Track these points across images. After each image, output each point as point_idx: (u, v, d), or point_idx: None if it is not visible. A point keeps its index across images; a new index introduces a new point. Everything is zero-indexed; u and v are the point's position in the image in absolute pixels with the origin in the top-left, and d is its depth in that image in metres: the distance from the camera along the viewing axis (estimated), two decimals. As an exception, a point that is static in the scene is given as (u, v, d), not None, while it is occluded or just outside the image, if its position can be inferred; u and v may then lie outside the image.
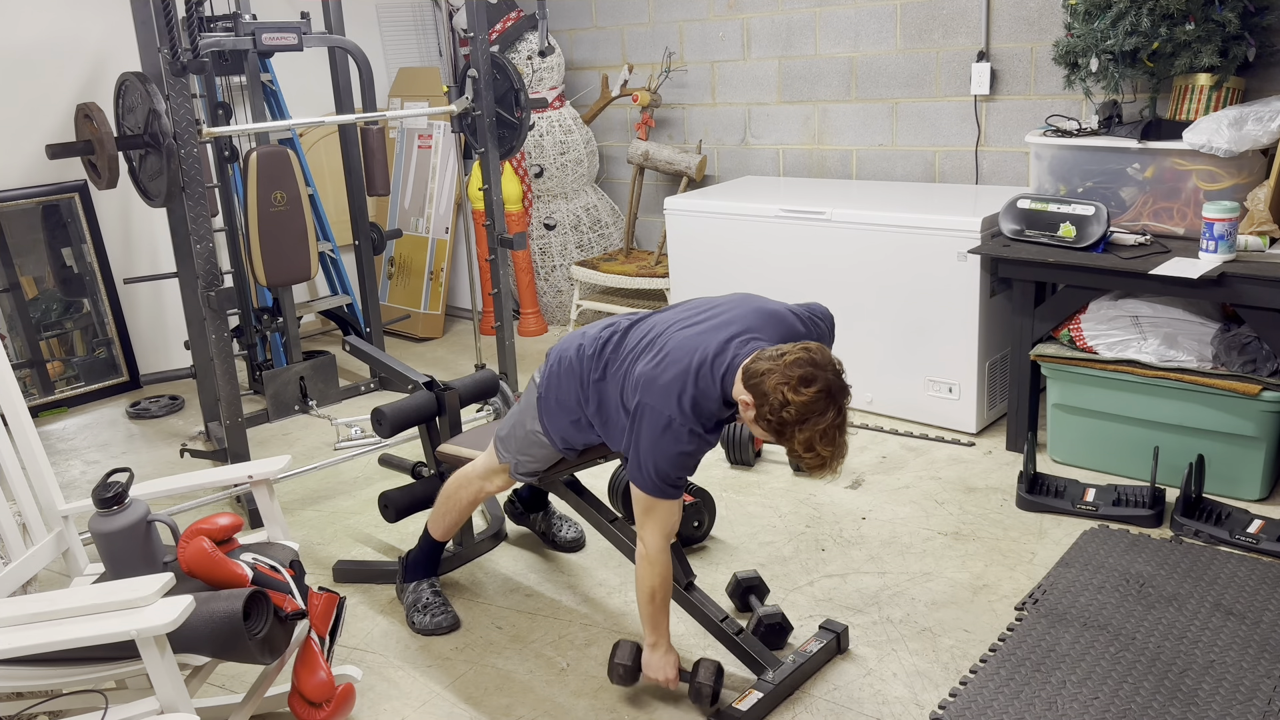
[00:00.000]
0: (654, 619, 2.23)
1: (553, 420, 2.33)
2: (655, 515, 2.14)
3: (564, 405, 2.30)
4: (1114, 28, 3.21)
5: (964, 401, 3.57)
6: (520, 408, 2.44)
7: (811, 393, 1.90)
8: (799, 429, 1.92)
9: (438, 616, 2.64)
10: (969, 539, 2.92)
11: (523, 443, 2.42)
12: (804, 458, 1.95)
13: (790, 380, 1.91)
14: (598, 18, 5.16)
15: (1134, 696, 2.18)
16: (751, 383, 1.97)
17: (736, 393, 2.02)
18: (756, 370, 1.97)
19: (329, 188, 5.18)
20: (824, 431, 1.92)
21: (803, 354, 1.94)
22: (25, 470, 2.17)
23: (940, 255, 3.47)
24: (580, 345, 2.29)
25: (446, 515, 2.65)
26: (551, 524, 3.02)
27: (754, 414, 1.98)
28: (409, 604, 2.69)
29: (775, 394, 1.91)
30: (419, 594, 2.69)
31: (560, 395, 2.31)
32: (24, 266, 4.35)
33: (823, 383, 1.92)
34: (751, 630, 2.44)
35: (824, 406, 1.92)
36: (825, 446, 1.93)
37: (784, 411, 1.91)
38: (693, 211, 4.18)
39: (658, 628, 2.24)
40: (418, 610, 2.66)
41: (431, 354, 5.04)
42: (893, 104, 4.24)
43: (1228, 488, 3.01)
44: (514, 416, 2.45)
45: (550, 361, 2.35)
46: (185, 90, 2.96)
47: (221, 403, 3.21)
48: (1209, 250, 2.90)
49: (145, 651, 1.70)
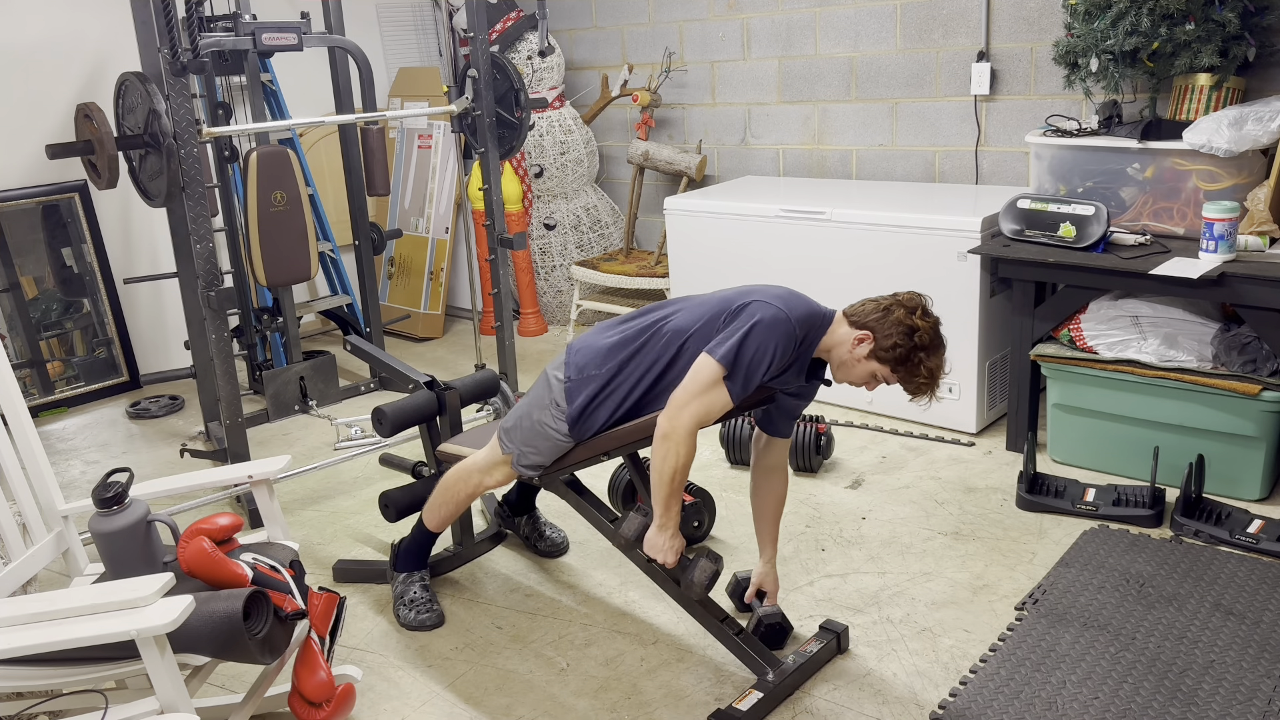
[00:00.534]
0: (668, 502, 2.20)
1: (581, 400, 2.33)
2: (705, 399, 2.13)
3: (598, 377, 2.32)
4: (1114, 28, 3.21)
5: (964, 401, 3.57)
6: (529, 400, 2.44)
7: (934, 320, 2.19)
8: (926, 354, 2.16)
9: (423, 614, 2.67)
10: (969, 539, 2.92)
11: (528, 434, 2.42)
12: (922, 381, 2.18)
13: (915, 309, 2.17)
14: (598, 18, 5.16)
15: (1134, 696, 2.18)
16: (868, 320, 2.18)
17: (841, 335, 2.20)
18: (869, 310, 2.20)
19: (329, 188, 5.18)
20: (941, 358, 2.19)
21: (914, 294, 2.21)
22: (25, 470, 2.17)
23: (940, 255, 3.47)
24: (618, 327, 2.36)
25: (443, 507, 2.67)
26: (536, 527, 3.02)
27: (872, 347, 2.16)
28: (397, 595, 2.73)
29: (903, 323, 2.14)
30: (408, 588, 2.72)
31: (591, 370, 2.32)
32: (24, 266, 4.35)
33: (935, 317, 2.20)
34: (752, 630, 2.44)
35: (941, 336, 2.20)
36: (941, 373, 2.20)
37: (915, 336, 2.14)
38: (693, 211, 4.18)
39: (669, 510, 2.22)
40: (404, 605, 2.70)
41: (431, 354, 5.04)
42: (893, 104, 4.24)
43: (1228, 488, 3.01)
44: (521, 408, 2.46)
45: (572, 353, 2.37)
46: (185, 90, 2.96)
47: (221, 403, 3.21)
48: (1209, 250, 2.90)
49: (145, 651, 1.70)
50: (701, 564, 2.25)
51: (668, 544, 2.24)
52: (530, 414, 2.41)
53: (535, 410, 2.40)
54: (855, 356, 2.18)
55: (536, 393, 2.42)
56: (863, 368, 2.19)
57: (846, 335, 2.19)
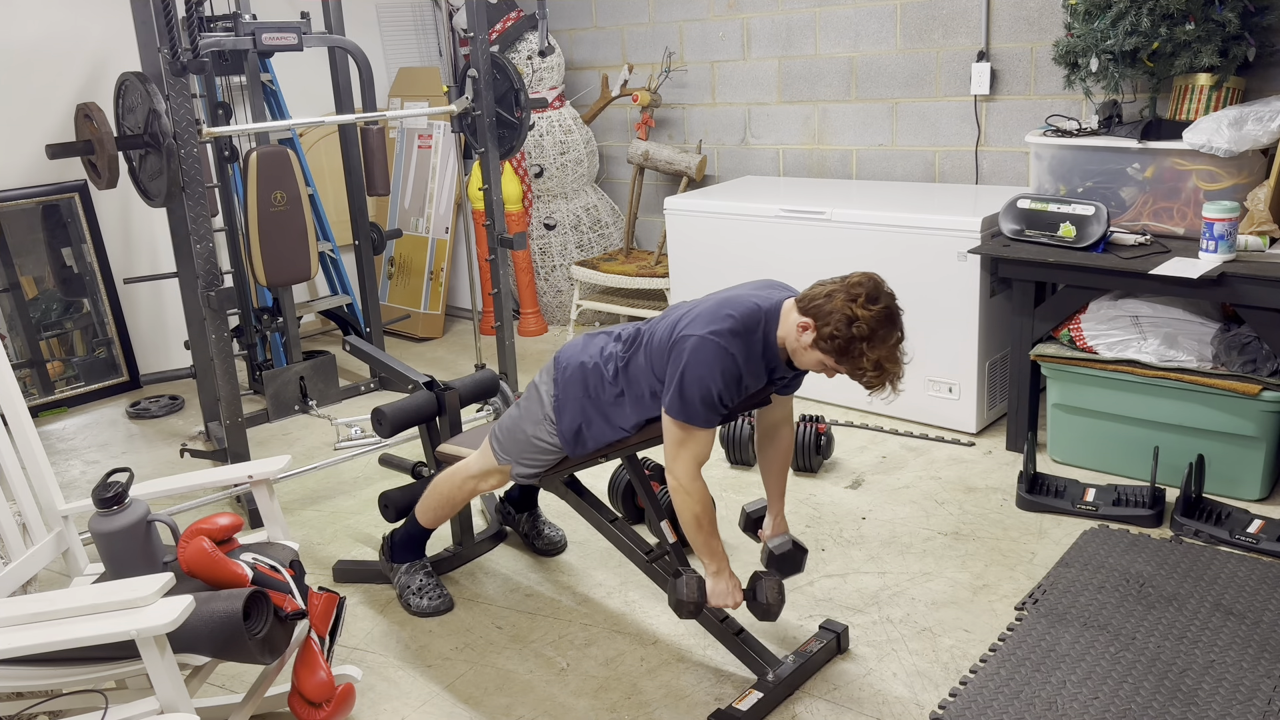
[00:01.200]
0: (708, 545, 2.21)
1: (569, 419, 2.34)
2: (688, 446, 2.14)
3: (584, 398, 2.32)
4: (1114, 28, 3.21)
5: (964, 401, 3.57)
6: (518, 413, 2.44)
7: (878, 309, 1.99)
8: (868, 345, 1.99)
9: (435, 600, 2.70)
10: (969, 539, 2.92)
11: (523, 448, 2.43)
12: (870, 374, 2.02)
13: (856, 297, 1.99)
14: (598, 18, 5.16)
15: (1134, 696, 2.18)
16: (812, 305, 2.04)
17: (789, 323, 2.09)
18: (815, 295, 2.05)
19: (329, 188, 5.18)
20: (891, 349, 2.01)
21: (863, 277, 2.03)
22: (25, 470, 2.17)
23: (940, 255, 3.47)
24: (602, 348, 2.33)
25: (438, 509, 2.68)
26: (536, 525, 3.03)
27: (814, 336, 2.03)
28: (403, 587, 2.74)
29: (842, 310, 1.99)
30: (413, 578, 2.74)
31: (576, 392, 2.33)
32: (24, 266, 4.35)
33: (886, 301, 2.02)
34: (765, 564, 2.43)
35: (890, 324, 2.01)
36: (891, 364, 2.01)
37: (853, 327, 1.98)
38: (693, 211, 4.18)
39: (714, 553, 2.22)
40: (412, 594, 2.71)
41: (431, 354, 5.04)
42: (893, 104, 4.24)
43: (1228, 488, 3.01)
44: (511, 420, 2.46)
45: (559, 369, 2.37)
46: (185, 90, 2.96)
47: (221, 403, 3.21)
48: (1209, 250, 2.90)
49: (145, 651, 1.70)
50: (764, 582, 2.25)
51: (727, 587, 2.23)
52: (523, 428, 2.42)
53: (529, 425, 2.41)
54: (801, 345, 2.07)
55: (528, 405, 2.43)
56: (810, 356, 2.08)
57: (793, 323, 2.09)
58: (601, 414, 2.31)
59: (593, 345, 2.36)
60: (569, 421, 2.34)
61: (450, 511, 2.68)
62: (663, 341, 2.19)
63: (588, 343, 2.38)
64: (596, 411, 2.31)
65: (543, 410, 2.38)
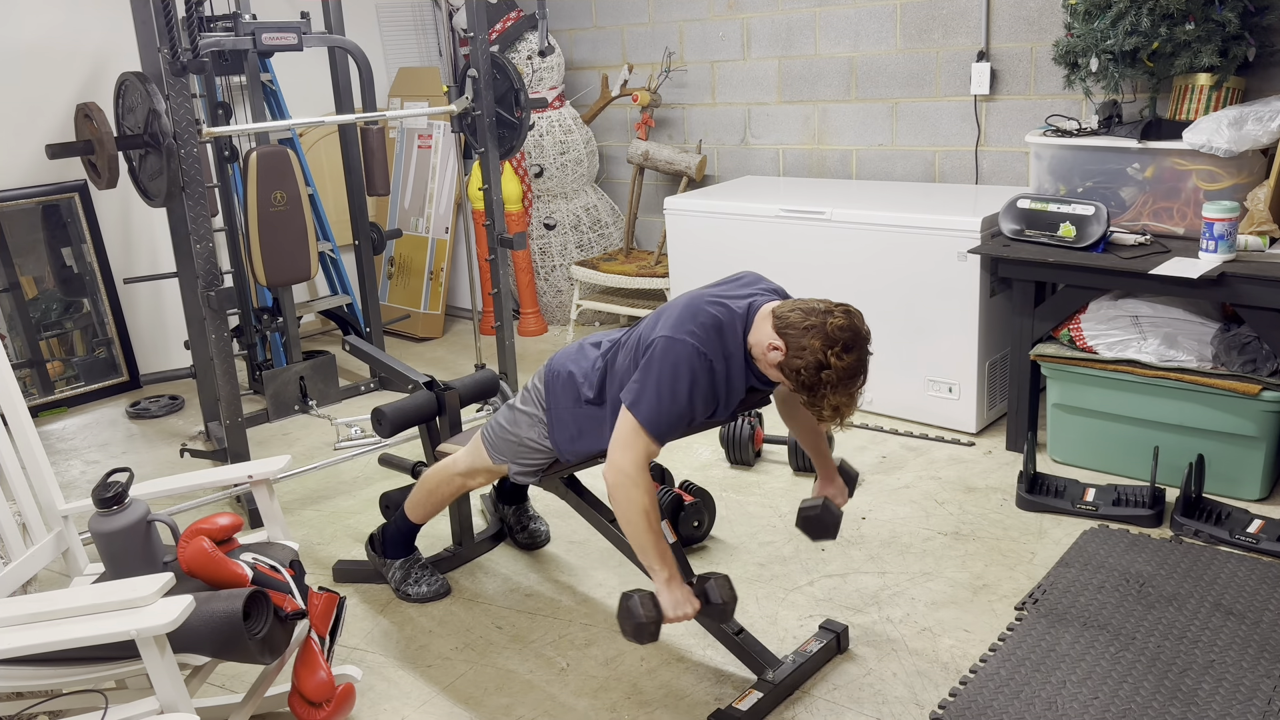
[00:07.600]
0: (657, 548, 2.06)
1: (560, 428, 2.35)
2: (634, 447, 2.06)
3: (574, 408, 2.32)
4: (1114, 27, 3.21)
5: (964, 401, 3.57)
6: (512, 415, 2.45)
7: (851, 360, 1.98)
8: (832, 390, 1.99)
9: (433, 585, 2.75)
10: (969, 539, 2.92)
11: (518, 450, 2.44)
12: (825, 413, 2.03)
13: (834, 344, 1.97)
14: (598, 18, 5.16)
15: (1134, 696, 2.18)
16: (789, 332, 2.01)
17: (762, 335, 2.06)
18: (794, 321, 2.01)
19: (329, 188, 5.18)
20: (852, 395, 2.01)
21: (845, 320, 2.00)
22: (25, 470, 2.17)
23: (940, 255, 3.47)
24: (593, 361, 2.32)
25: (428, 506, 2.69)
26: (521, 519, 3.03)
27: (782, 360, 2.02)
28: (399, 578, 2.76)
29: (816, 354, 1.97)
30: (408, 568, 2.77)
31: (566, 401, 2.33)
32: (24, 266, 4.35)
33: (860, 351, 2.00)
34: (797, 525, 2.40)
35: (857, 373, 2.00)
36: (848, 408, 2.03)
37: (822, 373, 1.97)
38: (693, 211, 4.18)
39: (664, 557, 2.07)
40: (410, 583, 2.75)
41: (431, 354, 5.04)
42: (893, 104, 4.24)
43: (1228, 488, 3.01)
44: (505, 421, 2.46)
45: (551, 375, 2.38)
46: (185, 90, 2.96)
47: (221, 403, 3.21)
48: (1209, 250, 2.90)
49: (145, 651, 1.70)
50: (711, 584, 2.11)
51: (682, 594, 2.08)
52: (517, 430, 2.43)
53: (524, 428, 2.42)
54: (769, 361, 2.05)
55: (522, 409, 2.43)
56: (773, 372, 2.07)
57: (765, 336, 2.05)
58: (592, 425, 2.31)
59: (584, 359, 2.35)
60: (560, 430, 2.35)
61: (439, 507, 2.69)
62: (634, 346, 2.17)
63: (580, 352, 2.37)
64: (587, 421, 2.31)
65: (536, 414, 2.39)
